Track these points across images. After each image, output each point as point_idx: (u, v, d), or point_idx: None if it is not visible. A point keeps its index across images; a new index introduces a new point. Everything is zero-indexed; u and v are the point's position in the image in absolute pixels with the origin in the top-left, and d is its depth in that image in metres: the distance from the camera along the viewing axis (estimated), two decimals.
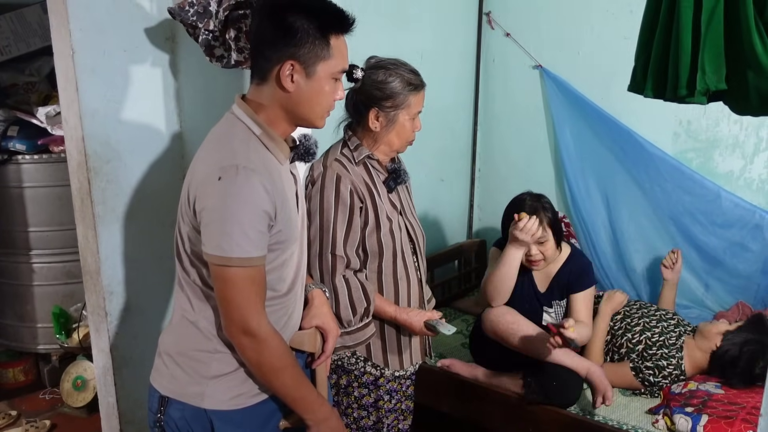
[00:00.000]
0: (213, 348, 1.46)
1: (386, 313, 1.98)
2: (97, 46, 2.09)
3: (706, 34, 1.08)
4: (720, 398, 2.37)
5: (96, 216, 2.18)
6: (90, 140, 2.13)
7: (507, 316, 2.45)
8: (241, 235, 1.32)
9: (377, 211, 1.94)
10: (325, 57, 1.40)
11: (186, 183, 1.42)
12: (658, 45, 1.19)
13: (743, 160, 3.03)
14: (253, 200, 1.32)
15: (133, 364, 2.35)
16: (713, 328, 2.55)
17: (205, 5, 1.89)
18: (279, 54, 1.37)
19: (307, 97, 1.42)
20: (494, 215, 3.77)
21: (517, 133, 3.64)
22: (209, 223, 1.33)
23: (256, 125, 1.42)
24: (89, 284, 2.27)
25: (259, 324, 1.38)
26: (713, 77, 1.12)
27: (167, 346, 1.53)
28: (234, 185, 1.31)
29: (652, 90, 1.25)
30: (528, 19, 3.47)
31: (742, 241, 3.00)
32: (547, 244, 2.42)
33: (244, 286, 1.34)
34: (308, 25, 1.36)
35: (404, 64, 1.94)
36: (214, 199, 1.33)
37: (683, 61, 1.12)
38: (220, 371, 1.46)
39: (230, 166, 1.32)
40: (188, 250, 1.44)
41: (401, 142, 1.97)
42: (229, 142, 1.40)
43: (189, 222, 1.41)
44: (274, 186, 1.38)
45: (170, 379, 1.50)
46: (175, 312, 1.54)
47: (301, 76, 1.39)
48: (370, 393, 2.06)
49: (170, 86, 2.29)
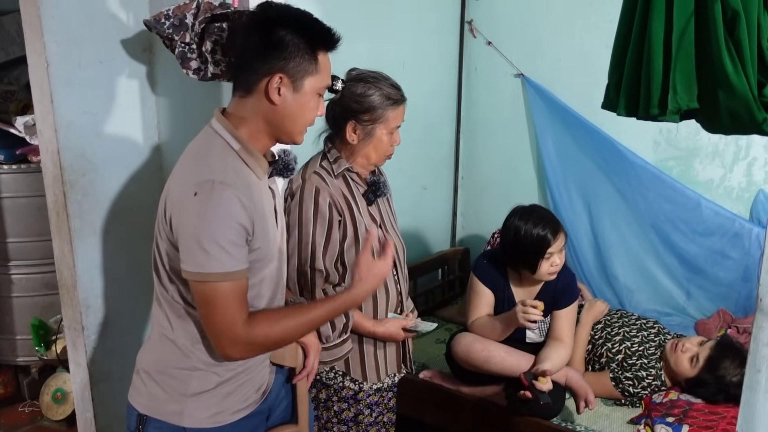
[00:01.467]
0: (192, 365, 1.44)
1: (365, 329, 1.97)
2: (72, 57, 2.06)
3: (677, 53, 1.08)
4: (700, 408, 2.38)
5: (72, 229, 2.15)
6: (65, 153, 2.10)
7: (475, 345, 2.42)
8: (219, 251, 1.30)
9: (356, 224, 1.92)
10: (313, 72, 1.41)
11: (163, 199, 1.41)
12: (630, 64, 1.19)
13: (723, 168, 3.05)
14: (229, 214, 1.31)
15: (110, 379, 2.32)
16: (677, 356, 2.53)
17: (181, 18, 1.87)
18: (268, 66, 1.37)
19: (292, 111, 1.42)
20: (477, 223, 3.78)
21: (500, 141, 3.64)
22: (187, 239, 1.32)
23: (235, 140, 1.41)
24: (66, 298, 2.25)
25: (246, 330, 1.36)
26: (685, 96, 1.12)
27: (145, 364, 1.51)
28: (210, 201, 1.30)
29: (624, 108, 1.25)
30: (510, 28, 3.48)
31: (723, 249, 3.02)
32: (563, 252, 2.39)
33: (226, 300, 1.33)
34: (298, 40, 1.37)
35: (385, 78, 1.93)
36: (191, 215, 1.32)
37: (655, 81, 1.12)
38: (199, 389, 1.45)
39: (206, 182, 1.31)
40: (166, 266, 1.42)
41: (378, 155, 1.96)
42: (206, 157, 1.39)
43: (166, 238, 1.39)
44: (252, 201, 1.37)
45: (148, 397, 1.48)
46: (153, 329, 1.52)
47: (289, 89, 1.39)
48: (350, 407, 2.04)
49: (148, 98, 2.27)
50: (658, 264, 3.21)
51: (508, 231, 2.40)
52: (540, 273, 2.38)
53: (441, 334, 3.18)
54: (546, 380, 2.17)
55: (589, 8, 3.21)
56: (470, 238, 3.82)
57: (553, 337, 2.43)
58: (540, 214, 2.38)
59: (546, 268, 2.36)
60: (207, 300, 1.33)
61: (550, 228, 2.34)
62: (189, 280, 1.34)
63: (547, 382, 2.17)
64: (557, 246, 2.34)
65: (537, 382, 2.16)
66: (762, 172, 2.97)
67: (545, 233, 2.32)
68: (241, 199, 1.33)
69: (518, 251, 2.39)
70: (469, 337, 2.45)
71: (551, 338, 2.44)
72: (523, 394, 2.19)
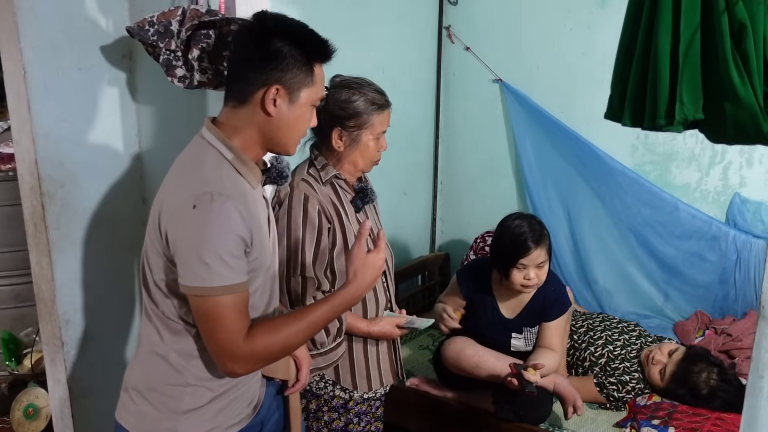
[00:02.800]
0: (184, 382, 1.41)
1: (359, 330, 1.95)
2: (50, 64, 2.00)
3: (684, 65, 1.09)
4: (685, 410, 2.41)
5: (51, 242, 2.08)
6: (43, 163, 2.03)
7: (466, 350, 2.41)
8: (221, 264, 1.28)
9: (345, 232, 1.91)
10: (309, 84, 1.40)
11: (155, 213, 1.37)
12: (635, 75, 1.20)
13: (699, 172, 3.11)
14: (229, 227, 1.29)
15: (91, 395, 2.26)
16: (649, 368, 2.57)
17: (166, 24, 1.83)
18: (265, 77, 1.35)
19: (287, 123, 1.40)
20: (457, 228, 3.79)
21: (479, 146, 3.66)
22: (186, 253, 1.29)
23: (228, 150, 1.39)
24: (44, 312, 2.17)
25: (248, 344, 1.33)
26: (691, 107, 1.13)
27: (135, 381, 1.47)
28: (210, 213, 1.28)
29: (629, 119, 1.26)
30: (488, 33, 3.49)
31: (700, 251, 3.08)
32: (544, 267, 2.35)
33: (227, 314, 1.30)
34: (295, 51, 1.36)
35: (369, 84, 1.92)
36: (189, 228, 1.29)
37: (662, 92, 1.12)
38: (192, 405, 1.42)
39: (204, 194, 1.28)
40: (159, 282, 1.39)
41: (365, 161, 1.95)
42: (200, 169, 1.35)
43: (161, 253, 1.36)
44: (249, 211, 1.34)
45: (138, 415, 1.44)
46: (141, 344, 1.48)
47: (284, 101, 1.38)
48: (340, 417, 2.03)
49: (128, 106, 2.21)
50: (637, 267, 3.26)
51: (498, 227, 2.43)
52: (512, 281, 2.35)
53: (424, 341, 3.18)
54: (535, 373, 2.17)
55: (566, 15, 3.24)
56: (450, 244, 3.82)
57: (542, 346, 2.44)
58: (531, 223, 2.37)
59: (518, 279, 2.34)
60: (208, 315, 1.30)
61: (532, 237, 2.32)
62: (188, 295, 1.31)
63: (535, 375, 2.17)
64: (534, 258, 2.31)
65: (525, 372, 2.16)
66: (737, 176, 3.03)
67: (525, 239, 2.31)
68: (240, 210, 1.31)
69: (497, 249, 2.41)
70: (460, 342, 2.44)
71: (540, 347, 2.44)
72: (509, 381, 2.18)
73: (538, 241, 2.31)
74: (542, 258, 2.32)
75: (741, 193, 3.04)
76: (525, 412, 2.37)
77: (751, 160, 3.00)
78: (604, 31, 3.16)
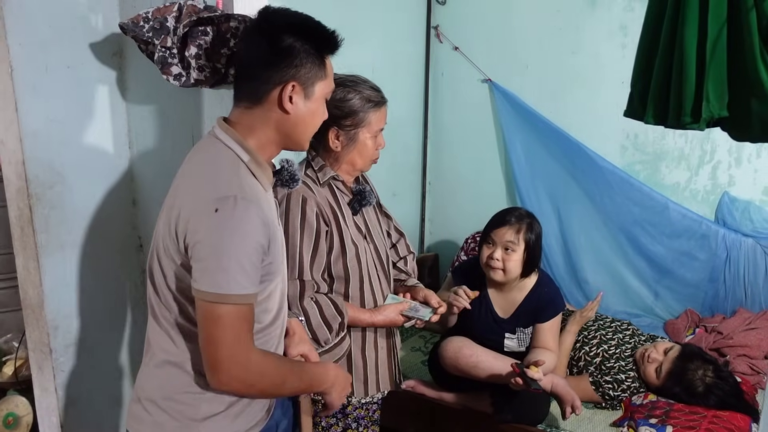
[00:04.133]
0: (201, 389, 1.38)
1: (362, 321, 1.93)
2: (38, 62, 1.93)
3: (710, 62, 1.08)
4: (681, 408, 2.41)
5: (38, 245, 2.01)
6: (31, 164, 1.96)
7: (464, 350, 2.39)
8: (239, 271, 1.25)
9: (342, 236, 1.88)
10: (322, 77, 1.40)
11: (170, 217, 1.32)
12: (659, 72, 1.18)
13: (689, 172, 3.13)
14: (251, 233, 1.26)
15: (80, 404, 2.19)
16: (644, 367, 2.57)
17: (162, 21, 1.77)
18: (281, 75, 1.33)
19: (304, 119, 1.39)
20: (445, 229, 3.77)
21: (468, 146, 3.64)
22: (205, 257, 1.25)
23: (244, 151, 1.36)
24: (31, 319, 2.09)
25: (248, 361, 1.30)
26: (716, 105, 1.12)
27: (149, 392, 1.42)
28: (233, 218, 1.24)
29: (653, 117, 1.24)
30: (476, 33, 3.48)
31: (690, 250, 3.10)
32: (513, 255, 2.33)
33: (235, 324, 1.27)
34: (307, 45, 1.35)
35: (364, 81, 1.89)
36: (211, 232, 1.25)
37: (687, 90, 1.11)
38: (210, 412, 1.39)
39: (227, 197, 1.25)
40: (172, 287, 1.35)
41: (364, 161, 1.92)
42: (219, 171, 1.32)
43: (176, 257, 1.31)
44: (266, 217, 1.31)
45: (154, 426, 1.40)
46: (152, 353, 1.43)
47: (300, 97, 1.37)
48: (338, 422, 2.00)
49: (119, 105, 2.14)
50: (627, 266, 3.27)
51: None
52: (481, 257, 2.40)
53: (416, 342, 3.16)
54: (537, 370, 2.15)
55: (556, 14, 3.24)
56: (439, 244, 3.80)
57: (537, 346, 2.42)
58: (519, 210, 2.43)
59: (485, 255, 2.38)
60: (217, 320, 1.26)
61: (509, 215, 2.37)
62: (198, 299, 1.27)
63: (538, 372, 2.15)
64: (501, 235, 2.33)
65: (528, 370, 2.14)
66: (726, 175, 3.06)
67: (502, 215, 2.38)
68: (261, 216, 1.28)
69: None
70: (458, 341, 2.42)
71: (536, 347, 2.43)
72: (515, 381, 2.17)
73: (511, 222, 2.35)
74: (510, 238, 2.33)
75: (730, 192, 3.06)
76: (524, 413, 2.35)
77: (740, 160, 3.03)
78: (594, 31, 3.17)
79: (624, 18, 3.08)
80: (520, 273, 2.38)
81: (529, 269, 2.38)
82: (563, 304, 2.52)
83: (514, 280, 2.40)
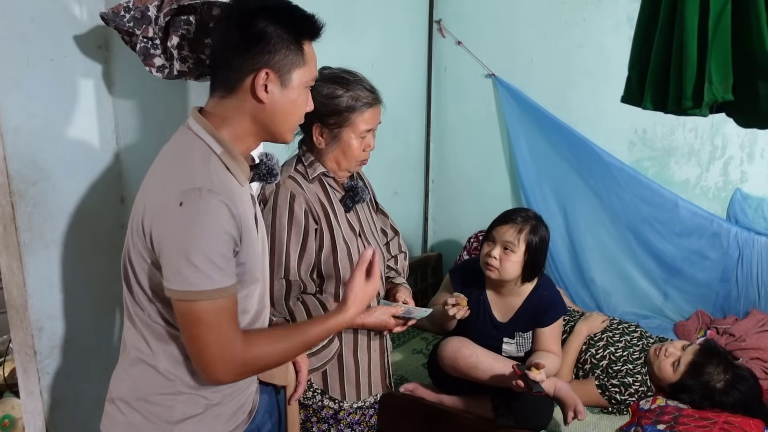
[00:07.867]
0: (176, 390, 1.33)
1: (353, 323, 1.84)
2: (20, 55, 1.87)
3: (713, 41, 0.99)
4: (690, 413, 2.33)
5: (22, 244, 1.95)
6: (13, 160, 1.90)
7: (463, 350, 2.32)
8: (210, 266, 1.19)
9: (333, 233, 1.81)
10: (300, 64, 1.32)
11: (138, 212, 1.27)
12: (658, 53, 1.09)
13: (699, 168, 3.03)
14: (219, 224, 1.20)
15: (66, 406, 2.13)
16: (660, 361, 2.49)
17: (143, 10, 1.70)
18: (252, 62, 1.27)
19: (282, 109, 1.32)
20: (449, 228, 3.70)
21: (471, 143, 3.57)
22: (172, 255, 1.19)
23: (217, 143, 1.30)
24: (15, 320, 2.04)
25: (237, 354, 1.25)
26: (720, 88, 1.03)
27: (122, 392, 1.38)
28: (197, 211, 1.18)
29: (651, 102, 1.15)
30: (480, 27, 3.40)
31: (701, 249, 3.01)
32: (512, 256, 2.25)
33: (216, 320, 1.21)
34: (281, 30, 1.28)
35: (359, 79, 1.82)
36: (176, 227, 1.19)
37: (688, 71, 1.02)
38: (186, 414, 1.34)
39: (191, 190, 1.19)
40: (144, 286, 1.29)
41: (349, 161, 1.85)
42: (187, 163, 1.26)
43: (145, 255, 1.26)
44: (238, 210, 1.25)
45: (127, 427, 1.35)
46: (126, 352, 1.38)
47: (276, 85, 1.30)
48: (330, 427, 1.95)
49: (104, 99, 2.08)
50: (635, 266, 3.19)
51: None
52: (481, 254, 2.33)
53: (417, 344, 3.09)
54: (539, 372, 2.08)
55: (562, 6, 3.16)
56: (442, 244, 3.73)
57: (539, 350, 2.34)
58: (527, 211, 2.36)
59: (484, 253, 2.31)
60: (197, 320, 1.20)
61: (513, 215, 2.31)
62: (174, 299, 1.21)
63: (540, 374, 2.08)
64: (502, 233, 2.26)
65: (530, 372, 2.07)
66: (738, 171, 2.96)
67: (506, 214, 2.32)
68: (229, 207, 1.21)
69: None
70: (457, 342, 2.35)
71: (538, 350, 2.35)
72: (516, 384, 2.09)
73: (515, 221, 2.27)
74: (510, 237, 2.25)
75: (742, 188, 2.97)
76: (525, 418, 2.27)
77: (752, 155, 2.93)
78: (601, 23, 3.09)
79: (631, 9, 2.98)
80: (520, 277, 2.29)
81: (530, 274, 2.30)
82: (564, 307, 2.43)
83: (511, 283, 2.32)
